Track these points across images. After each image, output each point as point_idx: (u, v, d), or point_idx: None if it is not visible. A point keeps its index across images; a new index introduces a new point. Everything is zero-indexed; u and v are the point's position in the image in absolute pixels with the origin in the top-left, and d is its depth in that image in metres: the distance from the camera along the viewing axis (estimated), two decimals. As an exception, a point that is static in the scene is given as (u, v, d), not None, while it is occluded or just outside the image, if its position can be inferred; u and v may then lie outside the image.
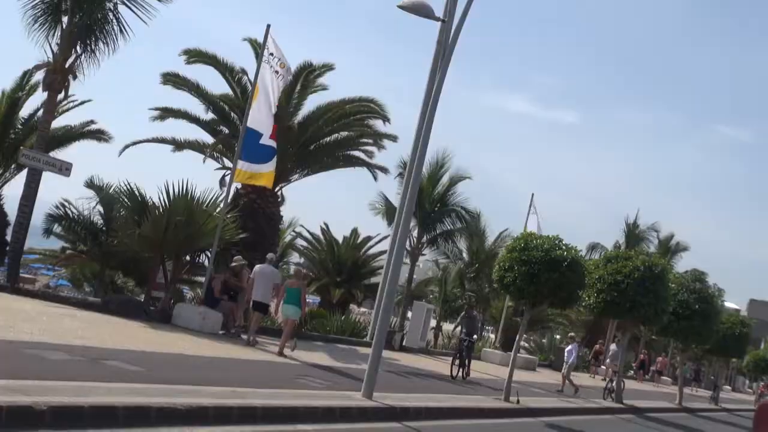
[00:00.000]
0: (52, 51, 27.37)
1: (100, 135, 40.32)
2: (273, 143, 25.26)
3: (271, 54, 25.43)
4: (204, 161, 34.53)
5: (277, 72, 25.55)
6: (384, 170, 38.43)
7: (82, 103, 37.32)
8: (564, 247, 21.91)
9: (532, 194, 43.57)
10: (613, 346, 43.64)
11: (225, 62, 33.63)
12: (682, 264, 66.55)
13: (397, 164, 41.00)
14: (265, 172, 25.42)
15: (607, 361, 44.19)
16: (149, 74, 33.74)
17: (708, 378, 64.83)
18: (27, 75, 35.01)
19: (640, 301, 28.25)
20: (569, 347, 33.21)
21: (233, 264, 25.23)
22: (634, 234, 64.47)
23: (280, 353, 21.32)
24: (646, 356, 56.33)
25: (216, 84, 34.47)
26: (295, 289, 22.28)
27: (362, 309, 56.67)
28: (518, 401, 21.86)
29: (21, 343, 13.68)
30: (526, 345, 54.96)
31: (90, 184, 33.79)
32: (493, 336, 53.94)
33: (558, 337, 66.17)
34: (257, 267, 23.61)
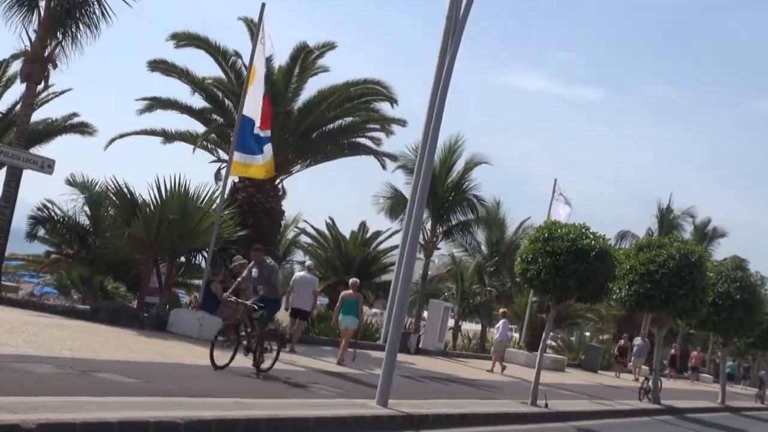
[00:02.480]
0: (30, 39, 27.39)
1: (83, 128, 40.40)
2: (263, 132, 25.12)
3: (268, 35, 25.42)
4: (194, 151, 34.54)
5: (270, 57, 25.58)
6: (393, 158, 38.47)
7: (63, 92, 37.40)
8: (591, 236, 21.85)
9: (555, 179, 43.50)
10: (638, 341, 43.60)
11: (217, 45, 33.64)
12: (721, 251, 66.44)
13: (403, 151, 41.07)
14: (262, 163, 25.35)
15: (633, 357, 44.18)
16: (137, 63, 33.84)
17: (753, 374, 64.66)
18: (3, 65, 35.08)
19: (676, 292, 28.19)
20: (498, 323, 33.49)
21: (233, 264, 25.23)
22: (667, 220, 64.33)
23: (340, 363, 23.09)
24: (678, 351, 56.19)
25: (209, 70, 34.52)
26: (353, 300, 24.22)
27: (374, 310, 56.63)
28: (546, 405, 21.84)
29: (5, 357, 13.70)
30: (554, 344, 54.98)
31: (72, 182, 33.81)
32: (516, 335, 53.94)
33: (588, 334, 66.18)
34: (297, 274, 25.63)
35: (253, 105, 25.08)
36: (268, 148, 25.32)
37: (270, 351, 18.14)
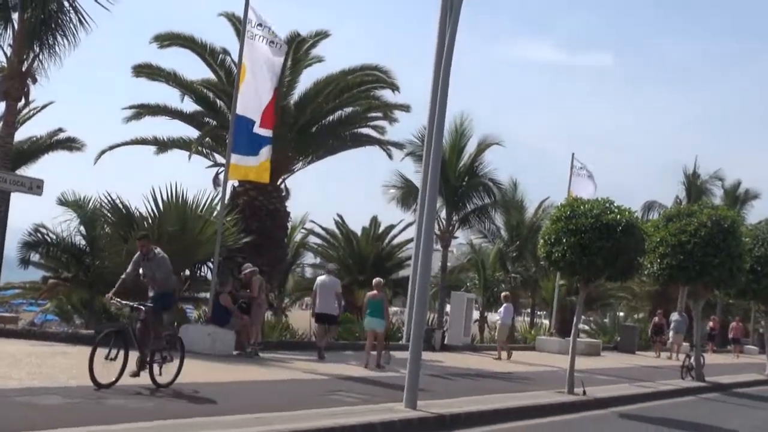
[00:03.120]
0: (5, 54, 27.39)
1: (71, 144, 40.54)
2: (264, 132, 25.09)
3: (259, 25, 25.33)
4: (189, 158, 34.56)
5: (273, 42, 25.47)
6: (399, 146, 38.41)
7: (45, 107, 37.45)
8: (616, 210, 21.79)
9: (572, 154, 43.48)
10: (674, 316, 43.42)
11: (203, 43, 33.61)
12: (755, 214, 66.39)
13: (409, 139, 41.01)
14: (258, 165, 25.26)
15: (671, 333, 44.01)
16: (122, 71, 33.99)
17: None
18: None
19: (711, 261, 28.10)
20: (500, 308, 33.52)
21: (244, 272, 25.23)
22: (695, 186, 64.21)
23: (378, 365, 23.66)
24: (717, 324, 56.02)
25: (198, 71, 34.50)
26: (377, 300, 24.36)
27: (393, 308, 56.58)
28: (584, 392, 21.83)
29: (9, 392, 13.72)
30: (586, 327, 54.93)
31: (64, 201, 33.81)
32: (546, 321, 53.89)
33: (622, 314, 66.06)
34: (319, 279, 26.01)
35: (248, 103, 25.02)
36: (266, 149, 25.20)
37: (169, 360, 16.26)
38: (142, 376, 15.58)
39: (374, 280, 25.31)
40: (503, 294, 36.00)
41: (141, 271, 16.52)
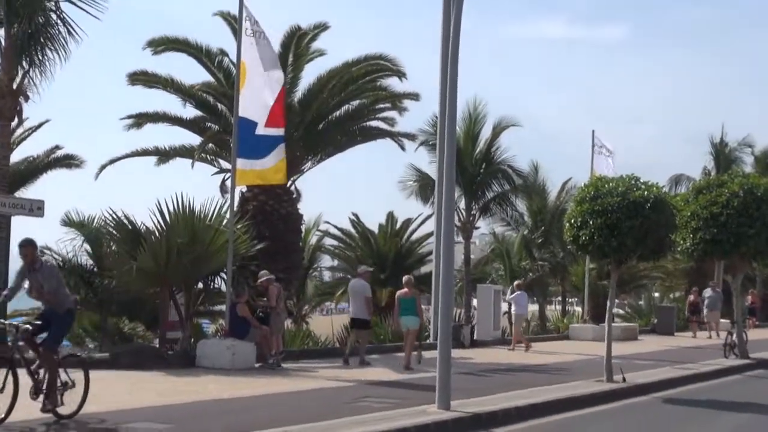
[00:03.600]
0: (-6, 73, 27.39)
1: (69, 161, 40.61)
2: (273, 131, 25.07)
3: (256, 22, 25.35)
4: (193, 166, 34.62)
5: (269, 39, 25.52)
6: (411, 137, 38.39)
7: (40, 125, 37.53)
8: (643, 186, 21.75)
9: (593, 131, 43.34)
10: (707, 292, 43.19)
11: (198, 45, 33.69)
12: (789, 179, 65.82)
13: (422, 128, 41.02)
14: (271, 166, 25.22)
15: (705, 311, 43.77)
16: (119, 81, 33.95)
17: None
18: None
19: (746, 232, 27.98)
20: (513, 295, 33.52)
21: (259, 281, 25.26)
22: (723, 154, 63.84)
23: (407, 367, 23.79)
24: (756, 297, 55.73)
25: (196, 75, 34.58)
26: (409, 298, 24.81)
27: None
28: (624, 379, 21.79)
29: (24, 422, 13.74)
30: (621, 311, 54.75)
31: (68, 221, 33.91)
32: (578, 308, 53.77)
33: (657, 295, 65.88)
34: (350, 282, 26.75)
35: (251, 104, 24.99)
36: (278, 149, 25.13)
37: (71, 386, 15.01)
38: (39, 408, 14.44)
39: (404, 278, 25.54)
40: (516, 282, 36.04)
41: (27, 284, 15.07)
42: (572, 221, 22.27)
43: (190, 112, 35.07)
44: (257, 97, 25.07)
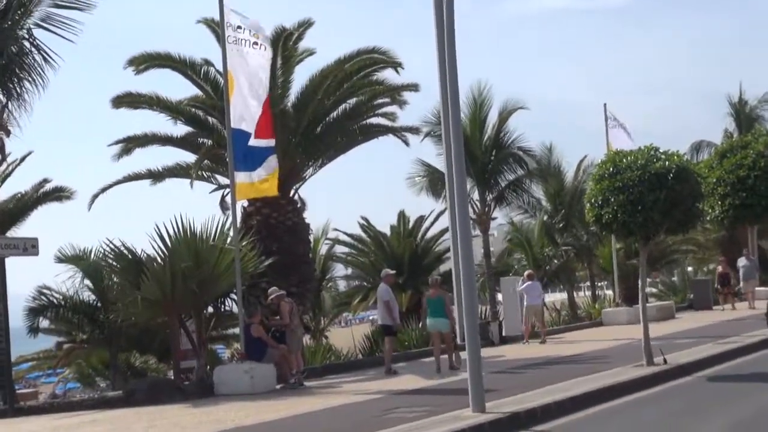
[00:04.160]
0: (-30, 110, 27.40)
1: (59, 194, 40.65)
2: (263, 143, 25.07)
3: (239, 27, 25.35)
4: (191, 186, 34.61)
5: (256, 44, 25.49)
6: (414, 130, 38.27)
7: (24, 159, 37.56)
8: (663, 156, 21.70)
9: (605, 104, 43.34)
10: (742, 261, 42.99)
11: (182, 58, 33.61)
12: (816, 133, 65.58)
13: (425, 118, 40.97)
14: (263, 179, 25.24)
15: (741, 282, 43.57)
16: (102, 103, 33.92)
17: None
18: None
19: (777, 193, 27.95)
20: (523, 286, 33.58)
21: (270, 298, 25.29)
22: (744, 114, 63.58)
23: (452, 367, 24.59)
24: None
25: (183, 89, 34.51)
26: (436, 299, 25.13)
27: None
28: (665, 361, 21.77)
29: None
30: (654, 290, 54.74)
31: (63, 257, 33.93)
32: (609, 292, 53.67)
33: (690, 269, 65.73)
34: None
35: (243, 114, 24.99)
36: (270, 160, 25.18)
37: None
38: None
39: (431, 278, 25.74)
40: (526, 272, 36.14)
41: None
42: (593, 201, 22.23)
43: (180, 129, 35.03)
44: (247, 106, 25.10)
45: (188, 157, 35.55)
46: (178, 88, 34.56)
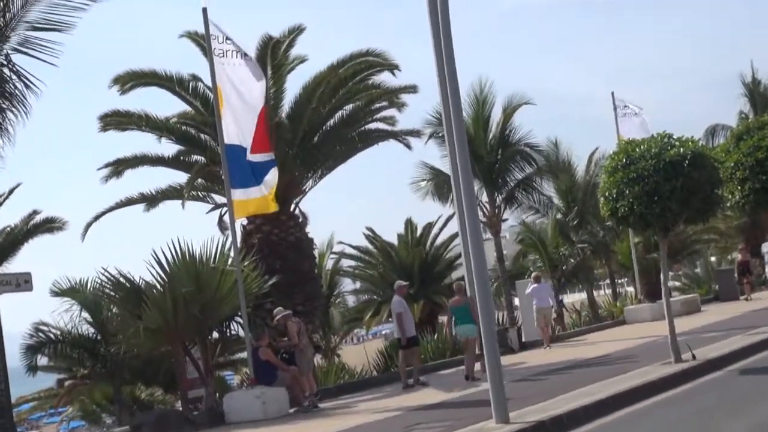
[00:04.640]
0: (-48, 145, 27.36)
1: (51, 225, 40.71)
2: (261, 157, 25.07)
3: (227, 39, 25.38)
4: (183, 206, 34.60)
5: (245, 55, 25.55)
6: (416, 133, 38.25)
7: (12, 191, 37.60)
8: (677, 143, 21.66)
9: (612, 93, 43.32)
10: (765, 247, 42.94)
11: (168, 74, 33.59)
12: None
13: (427, 119, 40.98)
14: (266, 194, 25.24)
15: (766, 266, 43.47)
16: (91, 127, 33.82)
17: None
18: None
19: (799, 174, 27.92)
20: (530, 289, 33.70)
21: (276, 319, 25.29)
22: (758, 93, 63.39)
23: (473, 378, 24.62)
24: None
25: (172, 105, 34.57)
26: (461, 306, 25.52)
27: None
28: (693, 356, 21.73)
29: None
30: (677, 284, 54.70)
31: (58, 291, 33.91)
32: (630, 289, 53.63)
33: (714, 259, 65.65)
34: None
35: (235, 129, 24.99)
36: (271, 175, 25.16)
37: None
38: None
39: (455, 284, 25.97)
40: (534, 274, 36.21)
41: None
42: (607, 194, 22.20)
43: (172, 148, 35.01)
44: (240, 121, 25.09)
45: (182, 178, 35.53)
46: (165, 106, 34.56)
